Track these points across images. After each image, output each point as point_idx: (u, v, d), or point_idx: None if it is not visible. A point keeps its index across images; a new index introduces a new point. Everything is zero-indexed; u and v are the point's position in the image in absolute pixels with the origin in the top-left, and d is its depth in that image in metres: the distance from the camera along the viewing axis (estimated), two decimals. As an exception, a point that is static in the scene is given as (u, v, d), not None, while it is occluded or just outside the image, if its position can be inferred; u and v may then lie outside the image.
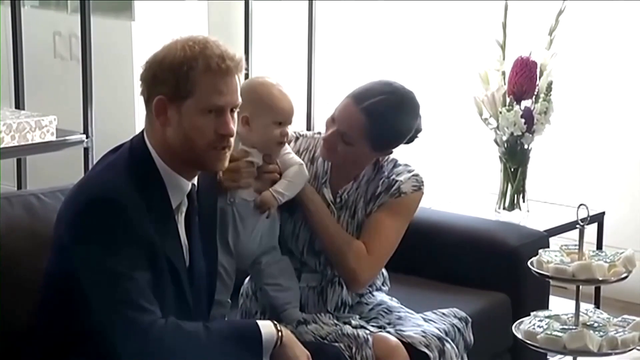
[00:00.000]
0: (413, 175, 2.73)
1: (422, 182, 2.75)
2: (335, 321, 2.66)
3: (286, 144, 2.66)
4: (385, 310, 2.76)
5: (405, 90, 2.69)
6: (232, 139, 2.27)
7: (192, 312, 2.30)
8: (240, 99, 2.29)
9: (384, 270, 2.90)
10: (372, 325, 2.68)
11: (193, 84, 2.20)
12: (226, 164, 2.31)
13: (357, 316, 2.72)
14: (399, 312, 2.75)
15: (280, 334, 2.26)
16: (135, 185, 2.20)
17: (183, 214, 2.33)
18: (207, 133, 2.23)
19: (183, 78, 2.20)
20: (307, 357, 2.32)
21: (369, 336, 2.57)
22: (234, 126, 2.27)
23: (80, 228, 2.17)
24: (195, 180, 2.35)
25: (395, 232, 2.70)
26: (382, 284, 2.90)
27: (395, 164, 2.77)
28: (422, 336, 2.61)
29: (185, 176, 2.29)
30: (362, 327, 2.64)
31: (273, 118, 2.57)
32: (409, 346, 2.58)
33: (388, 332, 2.63)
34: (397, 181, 2.71)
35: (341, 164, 2.71)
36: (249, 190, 2.59)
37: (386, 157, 2.77)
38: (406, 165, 2.77)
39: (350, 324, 2.64)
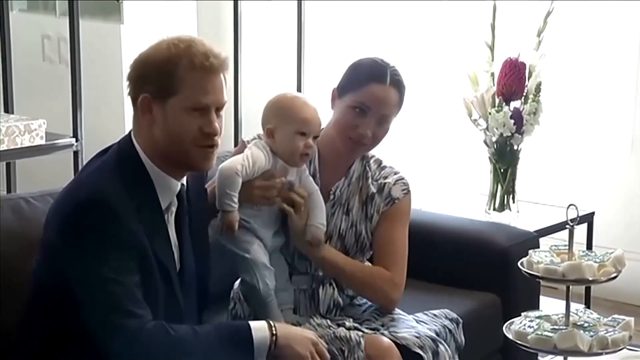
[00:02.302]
0: (399, 179, 2.77)
1: (408, 184, 2.79)
2: (329, 323, 2.66)
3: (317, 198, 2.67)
4: (378, 312, 2.76)
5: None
6: (217, 138, 2.27)
7: (183, 313, 2.30)
8: (225, 99, 2.29)
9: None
10: (366, 327, 2.68)
11: (178, 82, 2.20)
12: (213, 162, 2.31)
13: (351, 319, 2.72)
14: (391, 314, 2.76)
15: (274, 337, 2.25)
16: (123, 186, 2.20)
17: (173, 214, 2.33)
18: (192, 131, 2.23)
19: (167, 76, 2.20)
20: (311, 353, 2.30)
21: (361, 338, 2.57)
22: (220, 126, 2.27)
23: (68, 231, 2.17)
24: (184, 181, 2.34)
25: (403, 241, 2.76)
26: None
27: (380, 165, 2.80)
28: (416, 337, 2.61)
29: (174, 176, 2.29)
30: (355, 328, 2.64)
31: (296, 128, 2.57)
32: (402, 348, 2.58)
33: (382, 333, 2.63)
34: (385, 184, 2.75)
35: (359, 153, 2.75)
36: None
37: (371, 155, 2.80)
38: (391, 167, 2.81)
39: (344, 326, 2.64)
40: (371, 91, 2.67)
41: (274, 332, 2.26)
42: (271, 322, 2.30)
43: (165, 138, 2.23)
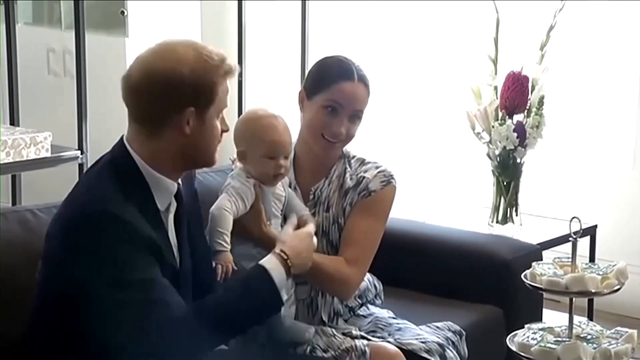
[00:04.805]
0: (380, 171, 2.75)
1: (391, 175, 2.76)
2: (334, 332, 2.66)
3: (293, 194, 2.68)
4: (384, 323, 2.77)
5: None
6: None
7: None
8: None
9: (377, 284, 2.92)
10: (372, 336, 2.69)
11: (215, 92, 2.25)
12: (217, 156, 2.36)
13: (357, 328, 2.73)
14: (397, 324, 2.77)
15: (289, 266, 2.32)
16: (122, 192, 2.20)
17: (172, 215, 2.33)
18: (217, 133, 2.30)
19: (207, 89, 2.23)
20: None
21: (366, 347, 2.58)
22: None
23: (81, 248, 2.15)
24: (179, 180, 2.35)
25: (371, 234, 2.71)
26: (375, 297, 2.91)
27: (364, 162, 2.79)
28: (422, 342, 2.62)
29: (171, 177, 2.29)
30: (362, 337, 2.65)
31: (263, 152, 2.57)
32: (409, 355, 2.60)
33: (387, 341, 2.64)
34: (364, 178, 2.74)
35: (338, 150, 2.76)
36: None
37: (353, 155, 2.81)
38: (374, 162, 2.79)
39: (350, 335, 2.65)
40: (341, 89, 2.68)
41: (288, 263, 2.33)
42: (277, 254, 2.34)
43: (198, 145, 2.26)
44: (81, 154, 4.02)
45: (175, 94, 2.22)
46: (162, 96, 2.21)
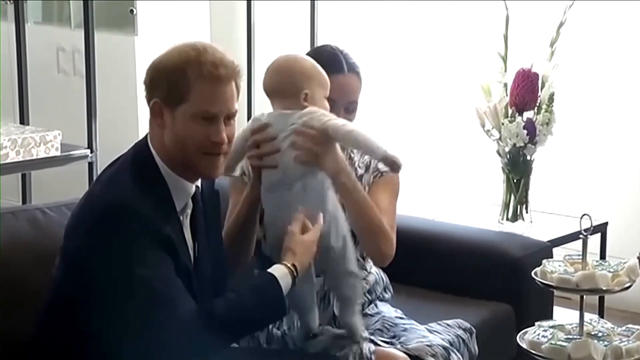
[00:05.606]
0: None
1: None
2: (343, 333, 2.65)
3: None
4: (391, 323, 2.77)
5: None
6: (225, 146, 2.26)
7: None
8: (236, 107, 2.29)
9: (383, 276, 2.91)
10: (379, 338, 2.68)
11: (186, 90, 2.21)
12: (221, 170, 2.30)
13: (365, 329, 2.72)
14: (404, 324, 2.76)
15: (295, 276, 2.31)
16: (140, 189, 2.21)
17: (188, 217, 2.33)
18: (199, 139, 2.23)
19: (176, 83, 2.22)
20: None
21: (372, 355, 2.57)
22: (229, 133, 2.27)
23: (98, 241, 2.16)
24: (199, 182, 2.35)
25: (392, 208, 2.73)
26: (384, 290, 2.90)
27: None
28: (428, 346, 2.61)
29: (188, 179, 2.29)
30: (371, 341, 2.64)
31: (326, 94, 2.57)
32: (414, 359, 2.59)
33: (395, 348, 2.63)
34: (371, 161, 2.75)
35: None
36: None
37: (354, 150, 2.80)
38: None
39: (357, 337, 2.64)
40: (334, 83, 2.64)
41: (295, 274, 2.32)
42: (289, 267, 2.33)
43: (174, 144, 2.25)
44: (91, 152, 4.02)
45: (149, 83, 2.27)
46: (144, 84, 2.28)
